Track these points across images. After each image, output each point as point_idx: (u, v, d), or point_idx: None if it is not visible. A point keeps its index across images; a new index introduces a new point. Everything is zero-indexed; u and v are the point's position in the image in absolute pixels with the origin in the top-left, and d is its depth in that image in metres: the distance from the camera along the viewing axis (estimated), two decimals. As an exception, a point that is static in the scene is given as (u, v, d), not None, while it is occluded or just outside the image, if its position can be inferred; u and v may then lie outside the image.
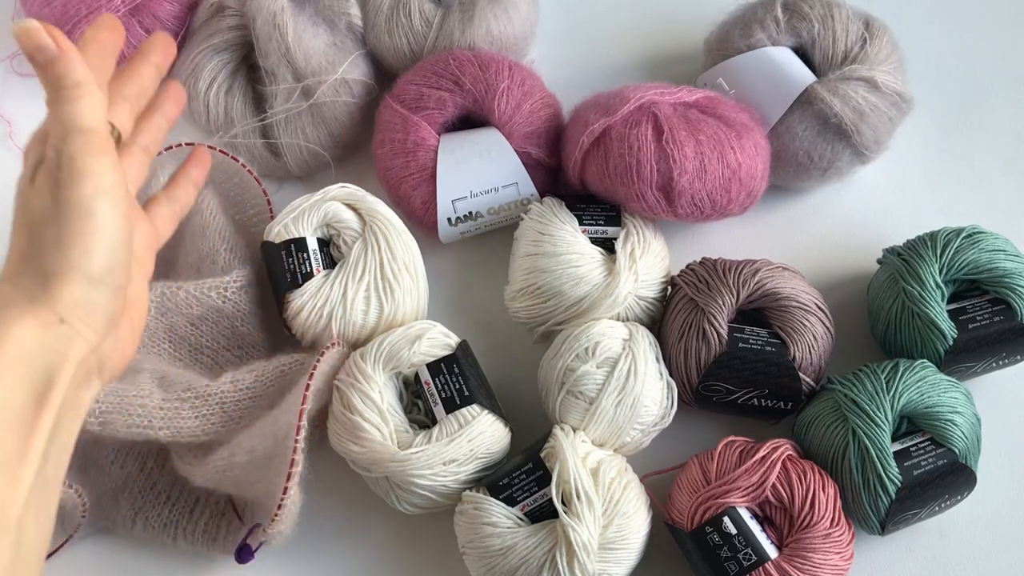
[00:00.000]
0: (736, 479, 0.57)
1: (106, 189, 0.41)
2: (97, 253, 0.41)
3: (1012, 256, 0.62)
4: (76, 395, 0.42)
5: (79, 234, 0.41)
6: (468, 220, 0.68)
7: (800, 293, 0.62)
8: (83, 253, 0.41)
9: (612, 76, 0.80)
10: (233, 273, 0.63)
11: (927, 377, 0.59)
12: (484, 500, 0.57)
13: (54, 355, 0.40)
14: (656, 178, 0.62)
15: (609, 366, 0.59)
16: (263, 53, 0.71)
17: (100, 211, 0.41)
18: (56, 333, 0.40)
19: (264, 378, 0.60)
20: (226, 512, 0.62)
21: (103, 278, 0.41)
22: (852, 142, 0.68)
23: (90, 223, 0.41)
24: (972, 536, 0.63)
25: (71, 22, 0.72)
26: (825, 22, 0.69)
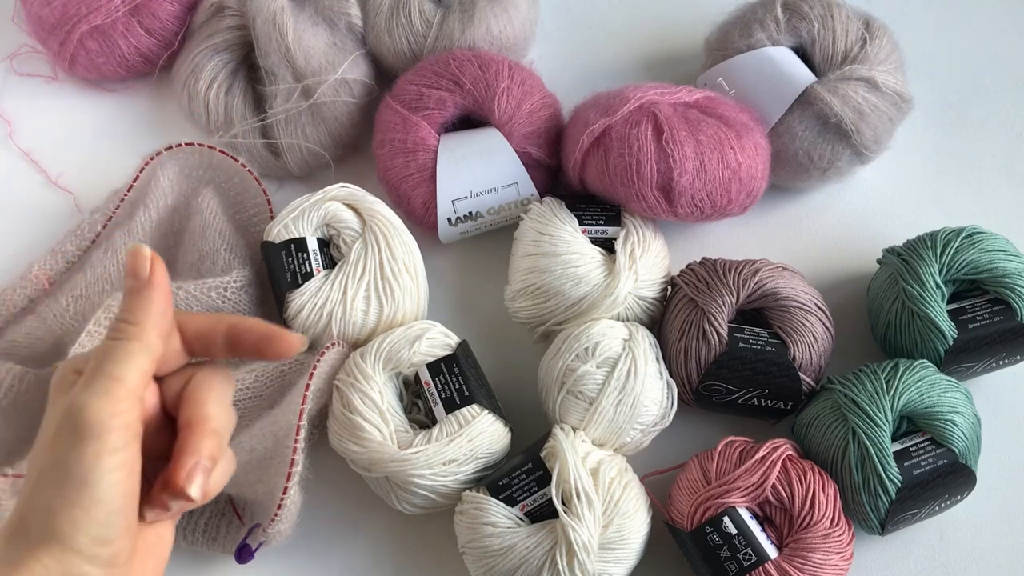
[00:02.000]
0: (736, 479, 0.57)
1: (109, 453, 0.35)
2: (86, 527, 0.35)
3: (1012, 256, 0.62)
4: None
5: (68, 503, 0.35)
6: (468, 220, 0.68)
7: (800, 293, 0.62)
8: (69, 524, 0.35)
9: (612, 76, 0.80)
10: (233, 273, 0.63)
11: (927, 377, 0.59)
12: (484, 500, 0.57)
13: None
14: (656, 178, 0.62)
15: (609, 366, 0.59)
16: (263, 53, 0.71)
17: (97, 480, 0.35)
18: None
19: (264, 378, 0.60)
20: (226, 512, 0.62)
21: (93, 550, 0.35)
22: (852, 142, 0.68)
23: (82, 493, 0.35)
24: (972, 536, 0.63)
25: (71, 22, 0.73)
26: (825, 22, 0.69)
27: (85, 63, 0.75)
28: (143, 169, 0.68)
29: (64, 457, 0.35)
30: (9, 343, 0.64)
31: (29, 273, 0.67)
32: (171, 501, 0.38)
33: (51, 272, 0.67)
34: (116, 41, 0.74)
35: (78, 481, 0.35)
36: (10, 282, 0.67)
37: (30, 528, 0.35)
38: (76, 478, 0.35)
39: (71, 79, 0.79)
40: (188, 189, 0.69)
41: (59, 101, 0.78)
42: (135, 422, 0.36)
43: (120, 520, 0.36)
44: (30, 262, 0.68)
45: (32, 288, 0.66)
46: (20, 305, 0.66)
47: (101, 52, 0.74)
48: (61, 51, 0.75)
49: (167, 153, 0.68)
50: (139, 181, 0.68)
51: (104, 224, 0.68)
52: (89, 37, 0.73)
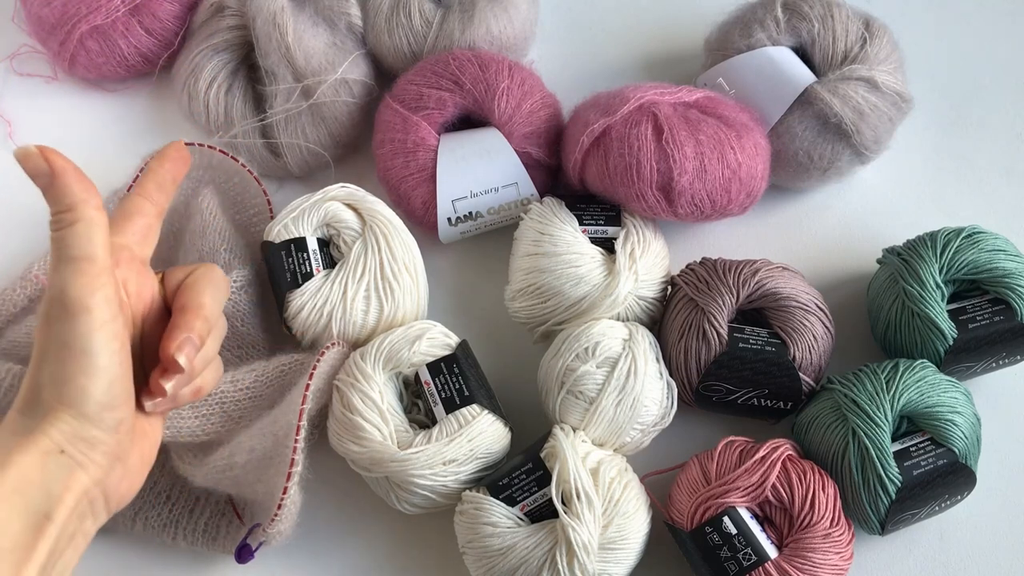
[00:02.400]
0: (736, 479, 0.57)
1: (102, 324, 0.39)
2: (92, 392, 0.39)
3: (1012, 256, 0.62)
4: (78, 526, 0.41)
5: (73, 374, 0.39)
6: (468, 220, 0.68)
7: (800, 293, 0.62)
8: (79, 392, 0.39)
9: (612, 76, 0.80)
10: (233, 273, 0.63)
11: (927, 377, 0.59)
12: (484, 500, 0.57)
13: (54, 485, 0.39)
14: (656, 178, 0.62)
15: (609, 366, 0.59)
16: (263, 53, 0.71)
17: (95, 350, 0.39)
18: (57, 463, 0.39)
19: (264, 378, 0.60)
20: (226, 512, 0.62)
21: (101, 415, 0.40)
22: (852, 142, 0.68)
23: (85, 362, 0.39)
24: (972, 536, 0.63)
25: (71, 22, 0.73)
26: (825, 22, 0.69)
27: (85, 63, 0.75)
28: (143, 169, 0.68)
29: (61, 334, 0.39)
30: (9, 343, 0.64)
31: (29, 273, 0.67)
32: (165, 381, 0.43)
33: (51, 272, 0.67)
34: (116, 41, 0.74)
35: (79, 352, 0.39)
36: (10, 282, 0.67)
37: (41, 400, 0.39)
38: (77, 350, 0.39)
39: (71, 79, 0.79)
40: (188, 189, 0.69)
41: (59, 101, 0.78)
42: (114, 295, 0.40)
43: (120, 388, 0.40)
44: (30, 262, 0.68)
45: (32, 288, 0.66)
46: (20, 305, 0.66)
47: (101, 52, 0.74)
48: (61, 51, 0.75)
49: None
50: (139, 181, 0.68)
51: (104, 224, 0.68)
52: (89, 37, 0.73)
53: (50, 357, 0.39)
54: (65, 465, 0.39)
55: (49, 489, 0.39)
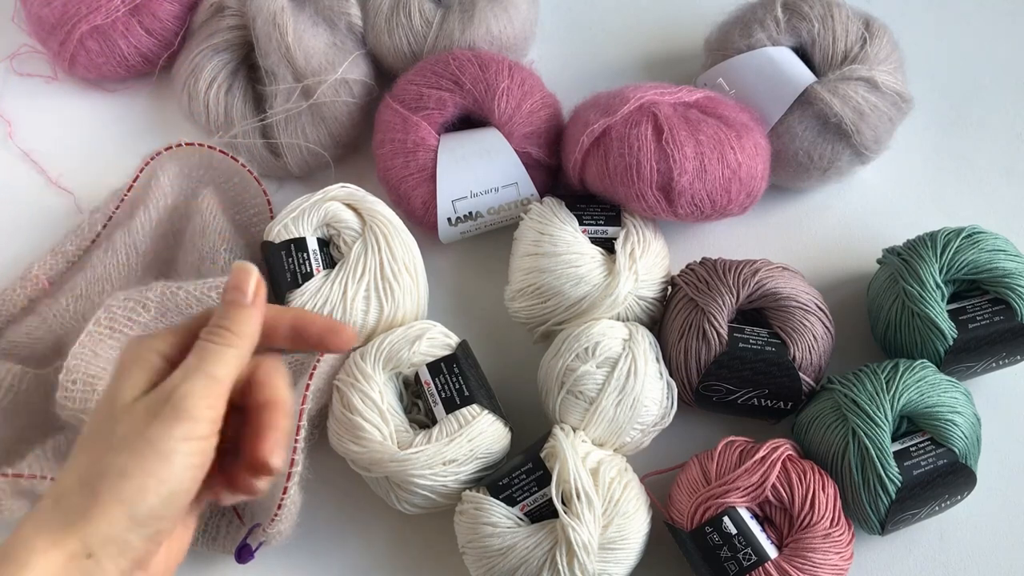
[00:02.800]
0: (736, 479, 0.57)
1: (196, 438, 0.39)
2: (152, 498, 0.38)
3: (1012, 256, 0.62)
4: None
5: (144, 472, 0.38)
6: (468, 220, 0.68)
7: (800, 293, 0.62)
8: (139, 491, 0.37)
9: (612, 76, 0.80)
10: (233, 273, 0.63)
11: (927, 377, 0.59)
12: (484, 500, 0.57)
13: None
14: (656, 178, 0.62)
15: (609, 366, 0.59)
16: (263, 53, 0.71)
17: (178, 458, 0.38)
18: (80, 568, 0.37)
19: (264, 378, 0.60)
20: (226, 512, 0.62)
21: (147, 522, 0.38)
22: (852, 142, 0.68)
23: (160, 465, 0.38)
24: (972, 536, 0.63)
25: (71, 22, 0.73)
26: (825, 22, 0.69)
27: (85, 63, 0.75)
28: (143, 169, 0.68)
29: (152, 433, 0.38)
30: (9, 343, 0.64)
31: (29, 273, 0.67)
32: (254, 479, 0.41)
33: (51, 272, 0.67)
34: (116, 41, 0.74)
35: (159, 455, 0.38)
36: (10, 282, 0.67)
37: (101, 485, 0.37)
38: (158, 452, 0.38)
39: (71, 79, 0.79)
40: (188, 189, 0.69)
41: (59, 101, 0.78)
42: (218, 422, 0.40)
43: (180, 502, 0.39)
44: (30, 262, 0.68)
45: (32, 288, 0.66)
46: (20, 305, 0.66)
47: (101, 52, 0.74)
48: (61, 51, 0.75)
49: (167, 153, 0.68)
50: (139, 181, 0.68)
51: (104, 224, 0.68)
52: (89, 37, 0.73)
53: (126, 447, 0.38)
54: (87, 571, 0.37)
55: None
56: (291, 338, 0.44)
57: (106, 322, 0.59)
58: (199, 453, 0.39)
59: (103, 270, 0.66)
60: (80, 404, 0.56)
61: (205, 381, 0.39)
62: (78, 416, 0.56)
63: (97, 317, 0.59)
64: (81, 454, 0.39)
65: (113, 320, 0.60)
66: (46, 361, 0.63)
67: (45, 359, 0.63)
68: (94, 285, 0.65)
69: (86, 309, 0.64)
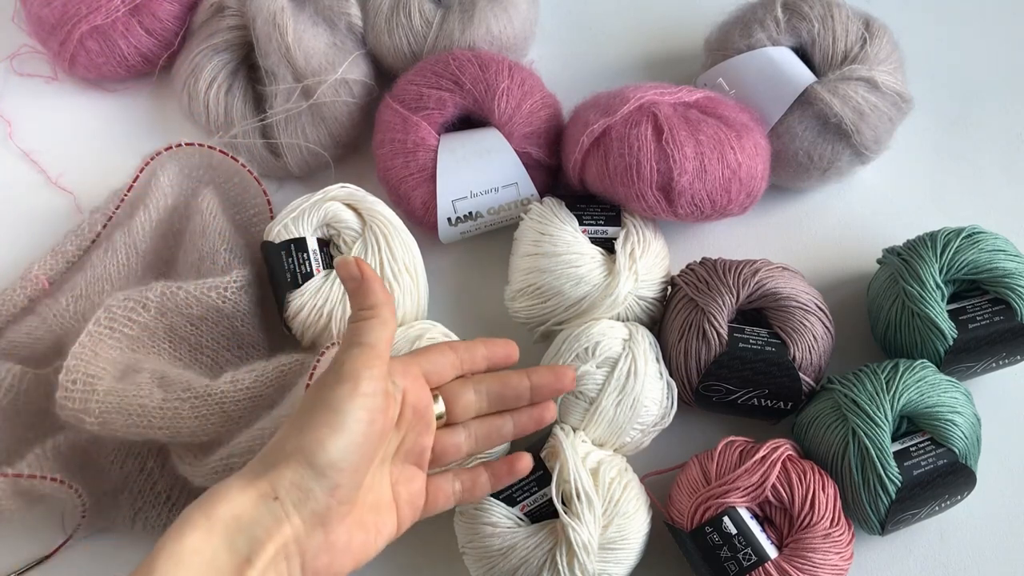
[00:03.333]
0: (736, 479, 0.57)
1: (361, 395, 0.44)
2: (328, 446, 0.43)
3: (1012, 256, 0.62)
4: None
5: (319, 424, 0.44)
6: (468, 220, 0.68)
7: (800, 293, 0.62)
8: (316, 441, 0.43)
9: (612, 76, 0.80)
10: (233, 273, 0.63)
11: (927, 377, 0.59)
12: (484, 500, 0.57)
13: (260, 529, 0.42)
14: (656, 178, 0.62)
15: (609, 366, 0.59)
16: (263, 53, 0.71)
17: (347, 411, 0.44)
18: (268, 507, 0.42)
19: (264, 378, 0.60)
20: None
21: (325, 471, 0.43)
22: (852, 142, 0.68)
23: (332, 417, 0.44)
24: (972, 536, 0.63)
25: (71, 22, 0.73)
26: (825, 22, 0.69)
27: (85, 63, 0.75)
28: (143, 169, 0.68)
29: (325, 396, 0.45)
30: (9, 343, 0.64)
31: (29, 273, 0.67)
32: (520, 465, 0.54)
33: (51, 272, 0.67)
34: (116, 41, 0.74)
35: (329, 409, 0.44)
36: (10, 282, 0.67)
37: (283, 449, 0.44)
38: (328, 407, 0.44)
39: (71, 79, 0.79)
40: (188, 189, 0.69)
41: (59, 101, 0.78)
42: (381, 379, 0.46)
43: (353, 454, 0.44)
44: (30, 262, 0.68)
45: (32, 288, 0.66)
46: (20, 305, 0.66)
47: (101, 52, 0.74)
48: (61, 51, 0.75)
49: (167, 153, 0.68)
50: (139, 181, 0.68)
51: (104, 224, 0.68)
52: (89, 37, 0.73)
53: (307, 414, 0.44)
54: (274, 512, 0.42)
55: (255, 532, 0.42)
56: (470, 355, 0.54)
57: (106, 322, 0.59)
58: (366, 409, 0.44)
59: (103, 270, 0.66)
60: (80, 404, 0.56)
61: (359, 349, 0.46)
62: (78, 416, 0.56)
63: (97, 317, 0.59)
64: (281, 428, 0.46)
65: (113, 320, 0.60)
66: (46, 361, 0.63)
67: (45, 359, 0.63)
68: (94, 285, 0.65)
69: (86, 309, 0.64)
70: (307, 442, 0.43)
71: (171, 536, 0.41)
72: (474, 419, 0.54)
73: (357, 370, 0.45)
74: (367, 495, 0.47)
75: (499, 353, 0.55)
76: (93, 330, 0.59)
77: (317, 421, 0.44)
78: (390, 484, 0.50)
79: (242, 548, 0.41)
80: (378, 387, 0.45)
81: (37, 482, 0.57)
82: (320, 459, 0.43)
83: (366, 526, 0.47)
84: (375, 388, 0.45)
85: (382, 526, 0.49)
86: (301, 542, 0.43)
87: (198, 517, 0.41)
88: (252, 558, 0.41)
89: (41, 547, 0.62)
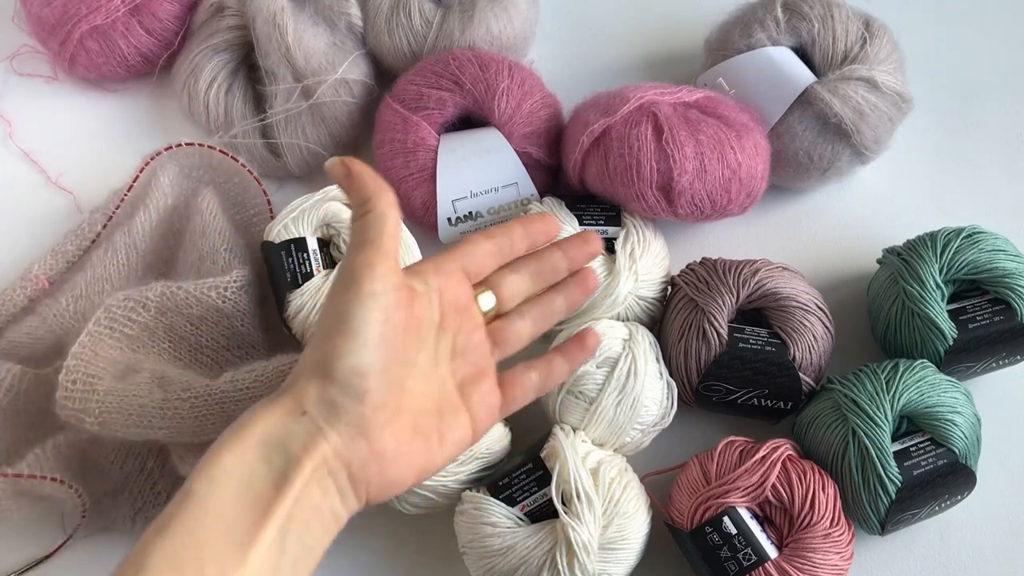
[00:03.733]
0: (736, 479, 0.57)
1: (366, 295, 0.42)
2: (344, 353, 0.42)
3: (1012, 256, 0.62)
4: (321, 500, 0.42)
5: (331, 335, 0.42)
6: (468, 220, 0.68)
7: (800, 293, 0.62)
8: (332, 351, 0.42)
9: (612, 76, 0.80)
10: (233, 273, 0.63)
11: (927, 377, 0.59)
12: (484, 500, 0.57)
13: (293, 444, 0.41)
14: (656, 178, 0.62)
15: (609, 366, 0.59)
16: (263, 53, 0.71)
17: (355, 314, 0.42)
18: (298, 423, 0.41)
19: (264, 378, 0.60)
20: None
21: (348, 379, 0.42)
22: (852, 142, 0.68)
23: (342, 324, 0.42)
24: (972, 536, 0.63)
25: (71, 22, 0.72)
26: (825, 22, 0.69)
27: (85, 63, 0.75)
28: (143, 169, 0.68)
29: (335, 302, 0.43)
30: (9, 343, 0.64)
31: (29, 273, 0.67)
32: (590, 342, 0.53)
33: (51, 272, 0.67)
34: (116, 41, 0.74)
35: (339, 316, 0.42)
36: (10, 282, 0.67)
37: (306, 361, 0.43)
38: (339, 313, 0.42)
39: (71, 79, 0.79)
40: (188, 189, 0.69)
41: (59, 101, 0.78)
42: (390, 275, 0.43)
43: (373, 357, 0.42)
44: (30, 262, 0.68)
45: (32, 288, 0.66)
46: (20, 305, 0.66)
47: (101, 52, 0.74)
48: (61, 51, 0.75)
49: (167, 153, 0.68)
50: (139, 181, 0.68)
51: (104, 224, 0.68)
52: (89, 37, 0.73)
53: (320, 326, 0.43)
54: (306, 427, 0.41)
55: (288, 448, 0.40)
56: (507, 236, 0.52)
57: (106, 322, 0.59)
58: (376, 309, 0.42)
59: (103, 270, 0.66)
60: (80, 404, 0.56)
61: (358, 248, 0.43)
62: (78, 416, 0.56)
63: (97, 317, 0.59)
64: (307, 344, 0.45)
65: (113, 320, 0.60)
66: (46, 361, 0.63)
67: (45, 359, 0.63)
68: (94, 285, 0.65)
69: (86, 309, 0.64)
70: (323, 354, 0.42)
71: (207, 460, 0.40)
72: (525, 303, 0.53)
73: (358, 271, 0.43)
74: (416, 399, 0.45)
75: (538, 229, 0.53)
76: (93, 330, 0.59)
77: (329, 331, 0.42)
78: (454, 386, 0.48)
79: (278, 464, 0.40)
80: (387, 284, 0.43)
81: (37, 482, 0.57)
82: (338, 369, 0.42)
83: (423, 431, 0.45)
84: (383, 286, 0.43)
85: (447, 430, 0.47)
86: (343, 455, 0.42)
87: (231, 439, 0.40)
88: (289, 474, 0.40)
89: (41, 547, 0.62)
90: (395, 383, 0.44)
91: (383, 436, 0.43)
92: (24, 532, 0.62)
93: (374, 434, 0.43)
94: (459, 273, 0.50)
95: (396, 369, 0.44)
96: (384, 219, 0.44)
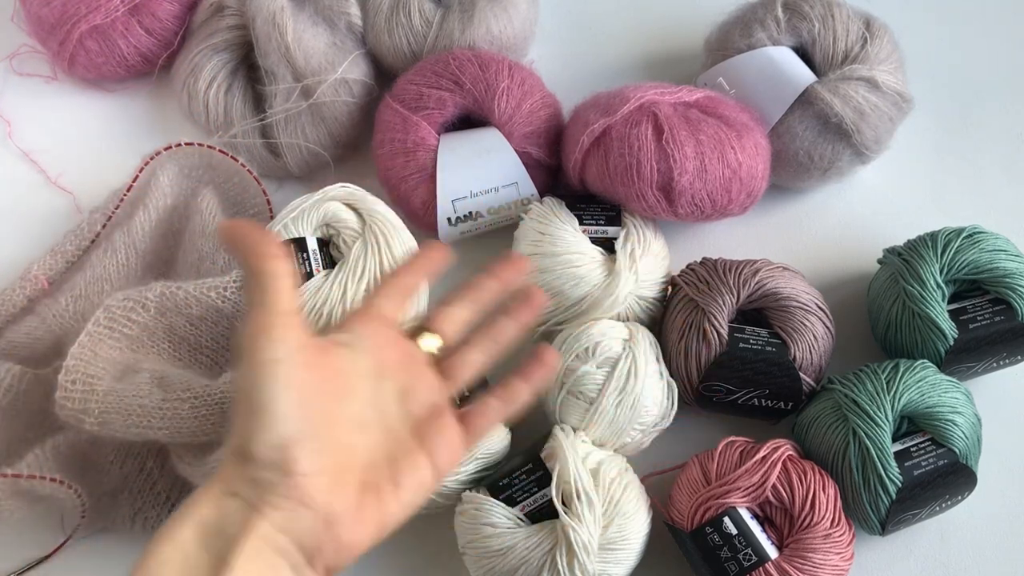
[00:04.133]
0: (736, 479, 0.57)
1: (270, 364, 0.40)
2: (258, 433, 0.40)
3: (1013, 256, 0.62)
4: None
5: (243, 414, 0.40)
6: (468, 220, 0.68)
7: (800, 293, 0.62)
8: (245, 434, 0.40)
9: (612, 76, 0.80)
10: (233, 273, 0.63)
11: (927, 377, 0.59)
12: (484, 500, 0.57)
13: (231, 526, 0.39)
14: (656, 178, 0.62)
15: (609, 366, 0.59)
16: (263, 53, 0.71)
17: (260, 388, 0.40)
18: (232, 504, 0.40)
19: (264, 378, 0.60)
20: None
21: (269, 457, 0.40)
22: (852, 142, 0.68)
23: (251, 403, 0.40)
24: (972, 536, 0.63)
25: (71, 22, 0.72)
26: (825, 22, 0.69)
27: (85, 63, 0.75)
28: (143, 169, 0.68)
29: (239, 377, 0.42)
30: (9, 343, 0.64)
31: (29, 273, 0.67)
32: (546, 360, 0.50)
33: (51, 272, 0.67)
34: (116, 41, 0.74)
35: (245, 393, 0.40)
36: (10, 282, 0.67)
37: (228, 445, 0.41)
38: (244, 390, 0.41)
39: (71, 79, 0.79)
40: (188, 189, 0.69)
41: (59, 101, 0.78)
42: (289, 335, 0.41)
43: (290, 425, 0.40)
44: (30, 262, 0.68)
45: (31, 288, 0.66)
46: (20, 305, 0.66)
47: (101, 52, 0.74)
48: (61, 51, 0.74)
49: (167, 153, 0.68)
50: (139, 181, 0.68)
51: (104, 224, 0.68)
52: (89, 37, 0.73)
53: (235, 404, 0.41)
54: (239, 507, 0.40)
55: (225, 530, 0.39)
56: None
57: (105, 322, 0.59)
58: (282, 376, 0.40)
59: (103, 270, 0.66)
60: (80, 404, 0.56)
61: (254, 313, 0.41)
62: (78, 416, 0.56)
63: (96, 317, 0.59)
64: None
65: (112, 320, 0.59)
66: (46, 361, 0.63)
67: (45, 359, 0.63)
68: (94, 285, 0.65)
69: (86, 309, 0.64)
70: (239, 438, 0.40)
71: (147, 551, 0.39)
72: (475, 333, 0.51)
73: (254, 340, 0.40)
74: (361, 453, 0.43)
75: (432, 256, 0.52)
76: (92, 330, 0.59)
77: (241, 410, 0.40)
78: (407, 430, 0.46)
79: (216, 548, 0.39)
80: (287, 347, 0.41)
81: (37, 482, 0.57)
82: (255, 450, 0.39)
83: (372, 485, 0.43)
84: (284, 350, 0.41)
85: (402, 476, 0.44)
86: (287, 529, 0.40)
87: (169, 527, 0.40)
88: (227, 557, 0.38)
89: (41, 547, 0.61)
90: (327, 444, 0.42)
91: (329, 500, 0.41)
92: (24, 532, 0.62)
93: (318, 500, 0.40)
94: (382, 316, 0.48)
95: (325, 430, 0.42)
96: (272, 278, 0.41)
